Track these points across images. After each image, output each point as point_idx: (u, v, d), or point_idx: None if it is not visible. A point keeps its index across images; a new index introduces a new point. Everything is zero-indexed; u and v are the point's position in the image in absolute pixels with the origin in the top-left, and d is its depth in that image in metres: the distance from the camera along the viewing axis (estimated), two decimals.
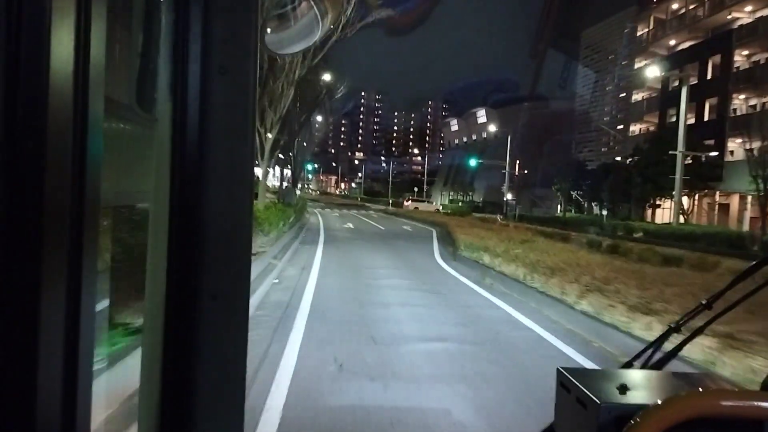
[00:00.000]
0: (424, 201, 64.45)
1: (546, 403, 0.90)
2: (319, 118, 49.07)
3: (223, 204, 0.66)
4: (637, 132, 47.33)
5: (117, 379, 1.25)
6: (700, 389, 0.86)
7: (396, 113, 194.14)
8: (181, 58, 0.65)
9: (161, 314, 0.66)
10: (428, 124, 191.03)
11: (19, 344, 0.48)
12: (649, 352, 1.16)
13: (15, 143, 0.47)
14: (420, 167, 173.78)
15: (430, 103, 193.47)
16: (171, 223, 0.66)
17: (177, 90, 0.65)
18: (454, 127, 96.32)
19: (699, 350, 5.18)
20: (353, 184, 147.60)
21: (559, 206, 54.66)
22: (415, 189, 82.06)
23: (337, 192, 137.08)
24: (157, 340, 0.66)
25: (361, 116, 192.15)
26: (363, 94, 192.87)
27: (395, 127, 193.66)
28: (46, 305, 0.49)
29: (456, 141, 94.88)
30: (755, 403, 0.71)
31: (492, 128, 79.49)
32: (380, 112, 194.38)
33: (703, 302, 1.15)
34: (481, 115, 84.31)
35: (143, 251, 0.68)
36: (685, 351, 1.21)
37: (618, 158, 46.62)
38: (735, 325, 5.84)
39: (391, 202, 64.92)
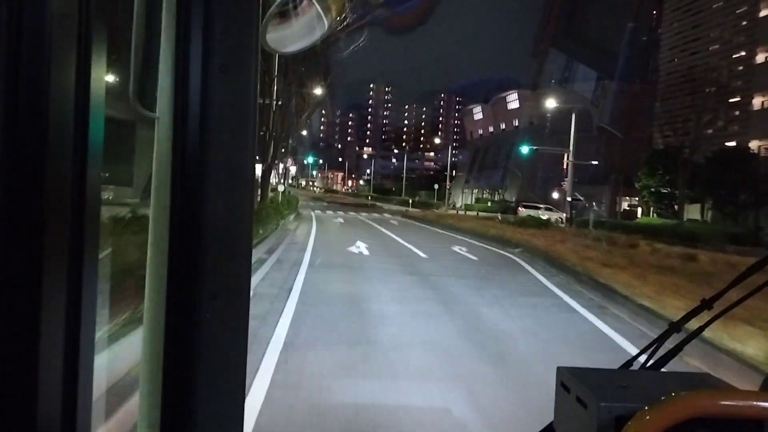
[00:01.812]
0: (539, 207, 45.26)
1: None
2: (317, 91, 36.96)
3: (224, 202, 0.66)
4: (759, 105, 34.71)
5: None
6: (700, 389, 0.85)
7: (407, 106, 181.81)
8: (183, 56, 0.64)
9: (162, 312, 0.66)
10: (440, 118, 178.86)
11: (20, 342, 0.49)
12: (649, 352, 1.15)
13: (17, 142, 0.47)
14: (433, 163, 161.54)
15: (442, 95, 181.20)
16: (172, 221, 0.65)
17: (178, 88, 0.65)
18: (478, 115, 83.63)
19: None
20: (361, 182, 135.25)
21: (637, 208, 42.21)
22: (436, 186, 69.54)
23: (343, 190, 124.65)
24: (158, 338, 0.66)
25: (370, 109, 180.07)
26: (372, 86, 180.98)
27: (405, 121, 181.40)
28: (47, 303, 0.50)
29: (480, 131, 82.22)
30: (755, 403, 0.71)
31: (526, 113, 66.89)
32: (390, 105, 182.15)
33: (703, 302, 1.15)
34: (513, 100, 71.61)
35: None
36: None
37: (731, 143, 34.04)
38: None
39: (411, 202, 51.97)
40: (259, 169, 23.95)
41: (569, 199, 34.82)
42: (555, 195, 56.90)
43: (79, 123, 0.52)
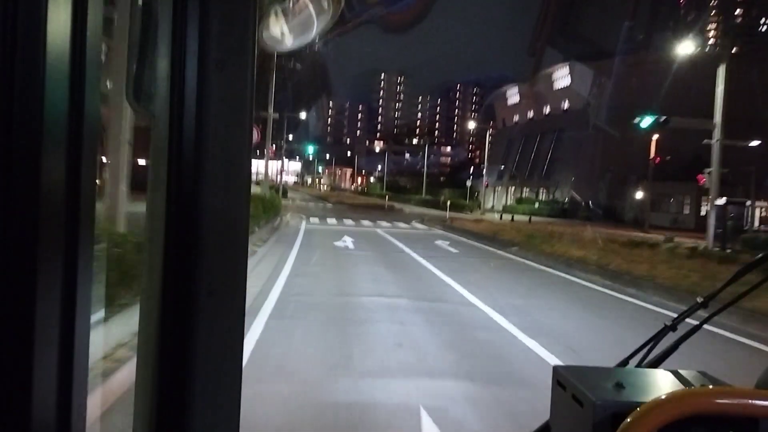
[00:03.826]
0: None
1: None
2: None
3: (221, 199, 0.66)
4: None
5: None
6: (696, 387, 0.86)
7: (420, 98, 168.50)
8: (178, 52, 0.65)
9: (157, 309, 0.66)
10: (456, 111, 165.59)
11: (14, 343, 0.49)
12: (645, 350, 1.17)
13: (11, 139, 0.48)
14: (449, 159, 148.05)
15: (458, 87, 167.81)
16: (168, 218, 0.65)
17: (174, 85, 0.65)
18: (513, 99, 70.13)
19: None
20: (372, 179, 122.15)
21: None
22: (468, 183, 56.17)
23: (352, 188, 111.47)
24: (153, 335, 0.66)
25: (381, 101, 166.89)
26: (383, 76, 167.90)
27: (419, 114, 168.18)
28: (41, 303, 0.50)
29: (515, 118, 68.79)
30: (750, 401, 0.72)
31: (581, 91, 53.36)
32: (401, 97, 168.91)
33: (699, 300, 1.16)
34: (562, 76, 58.05)
35: None
36: None
37: None
38: None
39: (448, 205, 38.20)
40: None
41: (720, 202, 21.34)
42: (638, 194, 43.41)
43: (74, 120, 0.53)
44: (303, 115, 42.26)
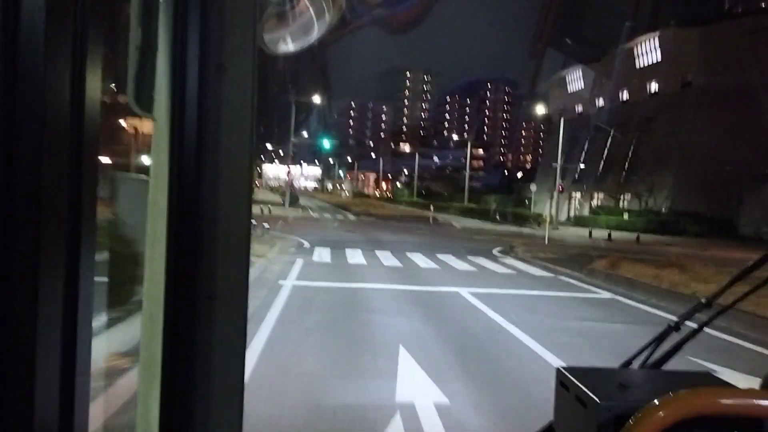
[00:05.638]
0: None
1: None
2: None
3: (222, 203, 0.66)
4: None
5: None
6: (700, 388, 0.87)
7: (448, 98, 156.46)
8: (180, 56, 0.65)
9: (160, 314, 0.66)
10: (487, 111, 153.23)
11: (16, 346, 0.49)
12: (648, 351, 1.16)
13: (12, 141, 0.48)
14: (482, 161, 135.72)
15: (488, 85, 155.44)
16: (169, 222, 0.65)
17: (176, 88, 0.65)
18: (575, 85, 57.57)
19: None
20: (398, 184, 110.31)
21: None
22: (533, 188, 43.66)
23: (377, 194, 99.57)
24: (156, 340, 0.66)
25: (407, 101, 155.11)
26: (408, 75, 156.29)
27: (447, 116, 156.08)
28: (43, 306, 0.50)
29: (578, 108, 56.12)
30: (754, 402, 0.72)
31: (677, 67, 40.57)
32: (429, 96, 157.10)
33: (703, 301, 1.15)
34: (650, 50, 45.24)
35: None
36: None
37: None
38: None
39: (499, 216, 25.55)
40: None
41: None
42: None
43: (75, 120, 0.53)
44: (317, 99, 31.30)
